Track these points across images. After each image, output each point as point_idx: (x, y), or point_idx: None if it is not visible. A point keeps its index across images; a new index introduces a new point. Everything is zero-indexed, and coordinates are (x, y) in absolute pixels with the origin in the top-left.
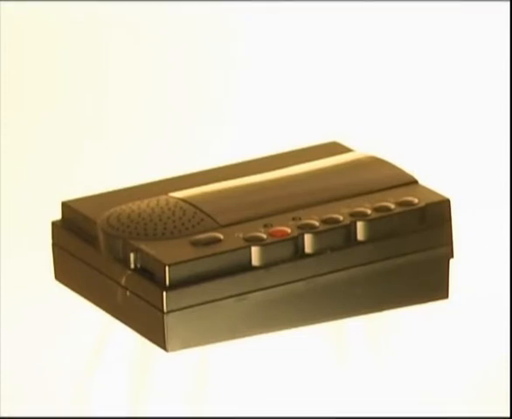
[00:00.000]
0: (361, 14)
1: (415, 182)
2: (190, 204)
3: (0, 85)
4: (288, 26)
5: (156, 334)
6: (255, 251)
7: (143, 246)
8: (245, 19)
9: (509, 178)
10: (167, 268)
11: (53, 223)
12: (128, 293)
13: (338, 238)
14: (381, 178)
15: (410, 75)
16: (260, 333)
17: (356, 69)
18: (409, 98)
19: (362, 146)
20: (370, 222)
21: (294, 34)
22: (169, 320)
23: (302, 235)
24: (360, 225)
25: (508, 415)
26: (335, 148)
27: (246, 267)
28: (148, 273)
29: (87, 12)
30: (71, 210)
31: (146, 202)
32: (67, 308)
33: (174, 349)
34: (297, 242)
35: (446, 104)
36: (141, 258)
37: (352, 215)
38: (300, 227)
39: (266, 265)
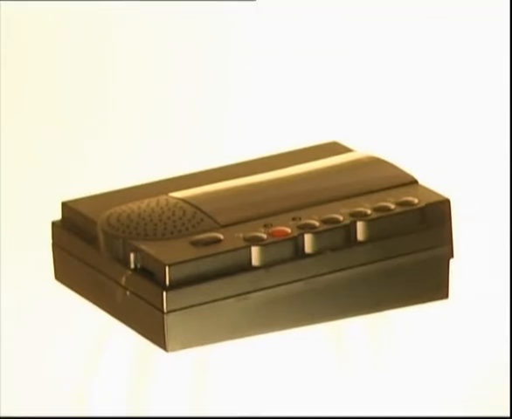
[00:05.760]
0: (361, 14)
1: (415, 181)
2: (190, 204)
3: (0, 85)
4: (289, 27)
5: (156, 334)
6: (255, 251)
7: (143, 246)
8: (245, 20)
9: (509, 178)
10: (167, 268)
11: (53, 223)
12: (128, 293)
13: (338, 238)
14: (381, 178)
15: (410, 75)
16: (260, 333)
17: (356, 69)
18: (409, 98)
19: (362, 146)
20: (370, 222)
21: (294, 34)
22: (169, 320)
23: (302, 235)
24: (360, 225)
25: (508, 415)
26: (335, 148)
27: (246, 267)
28: (148, 273)
29: (88, 12)
30: (71, 210)
31: (146, 202)
32: (67, 308)
33: (174, 349)
34: (297, 242)
35: (446, 104)
36: (141, 258)
37: (352, 215)
38: (300, 227)
39: (266, 265)
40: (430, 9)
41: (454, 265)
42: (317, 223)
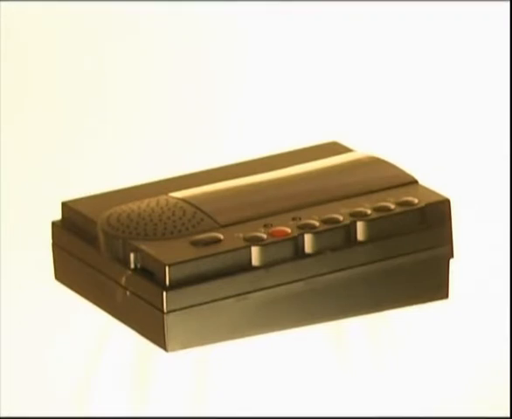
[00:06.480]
0: (361, 14)
1: (415, 182)
2: (190, 204)
3: (0, 85)
4: (288, 26)
5: (156, 334)
6: (255, 251)
7: (143, 246)
8: (245, 19)
9: (509, 178)
10: (167, 268)
11: (53, 223)
12: (128, 293)
13: (338, 238)
14: (381, 178)
15: (410, 75)
16: (260, 333)
17: (356, 69)
18: (409, 98)
19: (362, 146)
20: (370, 222)
21: (293, 34)
22: (169, 320)
23: (302, 235)
24: (360, 225)
25: (508, 415)
26: (335, 148)
27: (246, 267)
28: (148, 273)
29: (88, 12)
30: (71, 210)
31: (146, 202)
32: (67, 308)
33: (174, 349)
34: (297, 242)
35: (446, 104)
36: (141, 258)
37: (352, 215)
38: (300, 227)
39: (266, 265)
40: (430, 8)
41: (454, 265)
42: (317, 223)
